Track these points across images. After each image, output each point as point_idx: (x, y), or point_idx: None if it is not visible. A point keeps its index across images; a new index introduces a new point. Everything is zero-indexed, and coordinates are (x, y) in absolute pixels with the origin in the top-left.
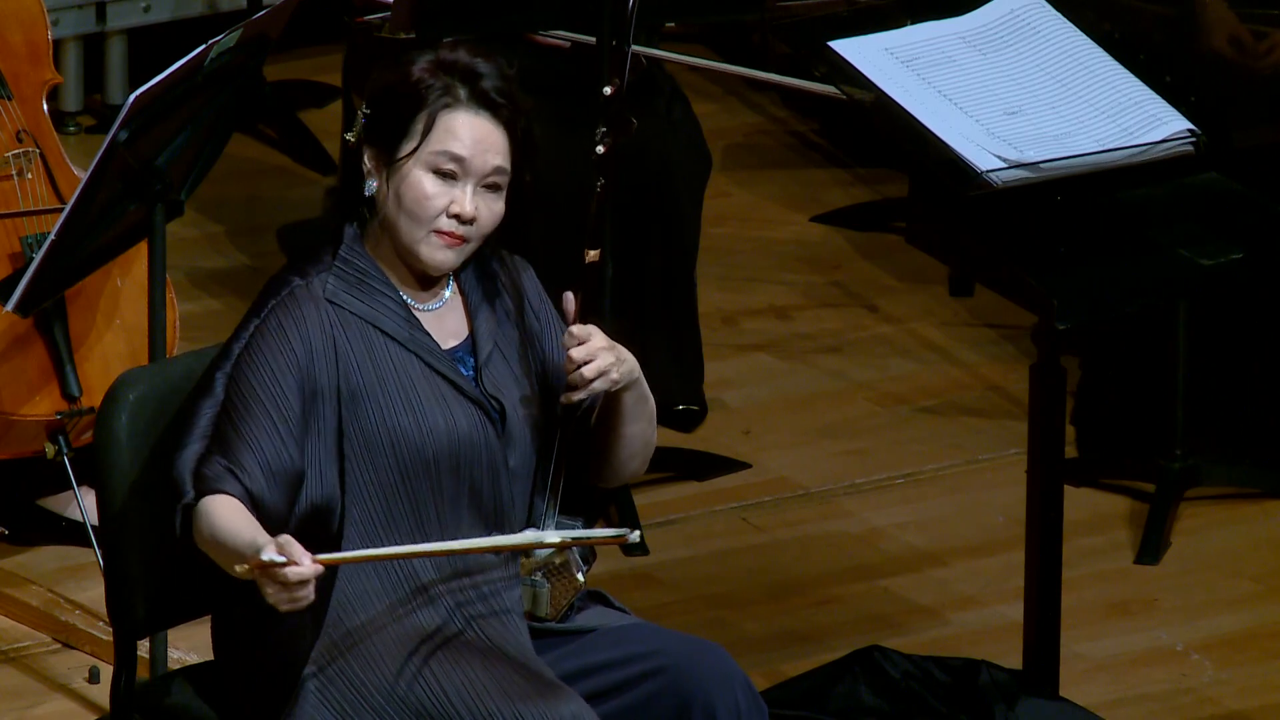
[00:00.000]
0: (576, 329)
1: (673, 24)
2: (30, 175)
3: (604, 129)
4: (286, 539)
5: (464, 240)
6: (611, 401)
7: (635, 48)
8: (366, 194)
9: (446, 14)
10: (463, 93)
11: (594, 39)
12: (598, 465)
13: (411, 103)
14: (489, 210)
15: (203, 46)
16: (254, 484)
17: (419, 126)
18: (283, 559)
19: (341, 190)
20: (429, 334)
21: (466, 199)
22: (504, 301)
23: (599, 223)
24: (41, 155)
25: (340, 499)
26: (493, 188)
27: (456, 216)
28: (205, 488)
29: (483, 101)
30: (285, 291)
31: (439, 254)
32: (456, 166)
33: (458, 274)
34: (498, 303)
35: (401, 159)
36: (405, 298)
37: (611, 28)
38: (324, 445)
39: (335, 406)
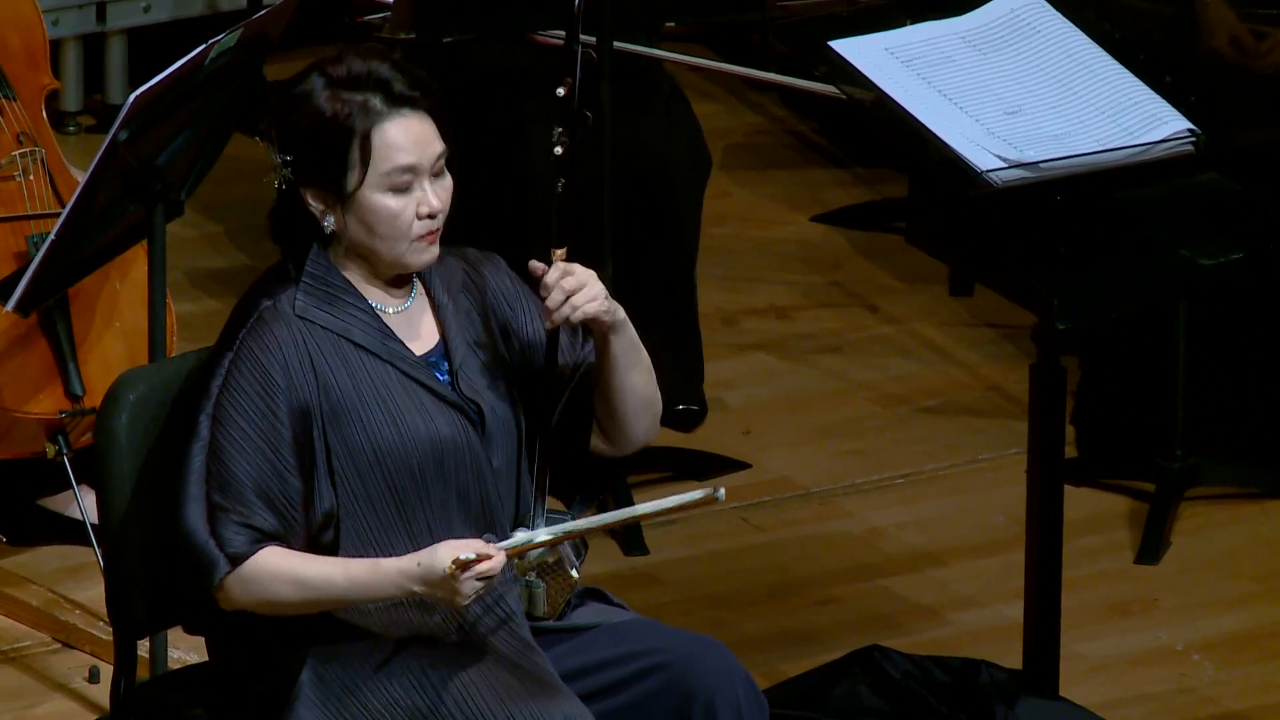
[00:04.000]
0: (556, 269)
1: (673, 24)
2: (33, 176)
3: (560, 129)
4: (454, 552)
5: (438, 230)
6: (604, 353)
7: (625, 46)
8: (327, 231)
9: (447, 14)
10: (378, 102)
11: (594, 38)
12: (606, 427)
13: (337, 136)
14: (445, 191)
15: (203, 46)
16: (266, 523)
17: (355, 156)
18: (474, 555)
19: (284, 229)
20: (402, 341)
21: (430, 195)
22: (472, 299)
23: (563, 222)
24: (42, 158)
25: (335, 512)
26: (440, 171)
27: (428, 216)
28: (232, 551)
29: (402, 102)
30: (254, 317)
31: (424, 255)
32: (410, 175)
33: (419, 272)
34: (464, 302)
35: (353, 192)
36: (374, 304)
37: (612, 27)
38: (316, 460)
39: (320, 424)
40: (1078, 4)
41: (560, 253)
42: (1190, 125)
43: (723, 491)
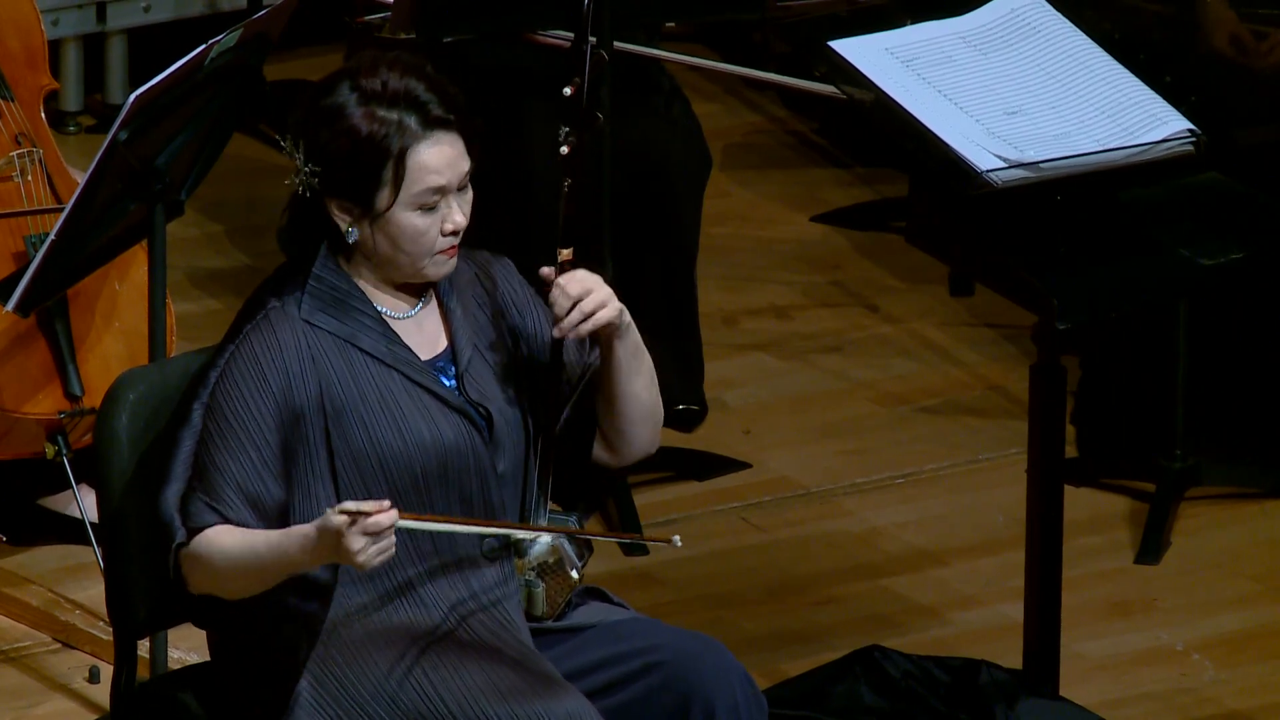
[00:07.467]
0: (564, 276)
1: (673, 23)
2: (31, 176)
3: (567, 129)
4: (343, 504)
5: (458, 244)
6: (608, 356)
7: (625, 46)
8: (350, 241)
9: (447, 13)
10: (414, 124)
11: (594, 38)
12: (608, 433)
13: (372, 155)
14: (468, 205)
15: (203, 46)
16: (235, 514)
17: (388, 175)
18: (358, 508)
19: (298, 232)
20: (408, 347)
21: (455, 213)
22: (481, 302)
23: (569, 222)
24: (40, 158)
25: None
26: (464, 185)
27: (452, 232)
28: (191, 524)
29: (437, 125)
30: (261, 315)
31: (444, 268)
32: (439, 196)
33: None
34: (474, 305)
35: (383, 211)
36: (381, 309)
37: (612, 28)
38: (315, 466)
39: (323, 427)
40: (1078, 4)
41: (566, 253)
42: (1190, 125)
43: (678, 539)
